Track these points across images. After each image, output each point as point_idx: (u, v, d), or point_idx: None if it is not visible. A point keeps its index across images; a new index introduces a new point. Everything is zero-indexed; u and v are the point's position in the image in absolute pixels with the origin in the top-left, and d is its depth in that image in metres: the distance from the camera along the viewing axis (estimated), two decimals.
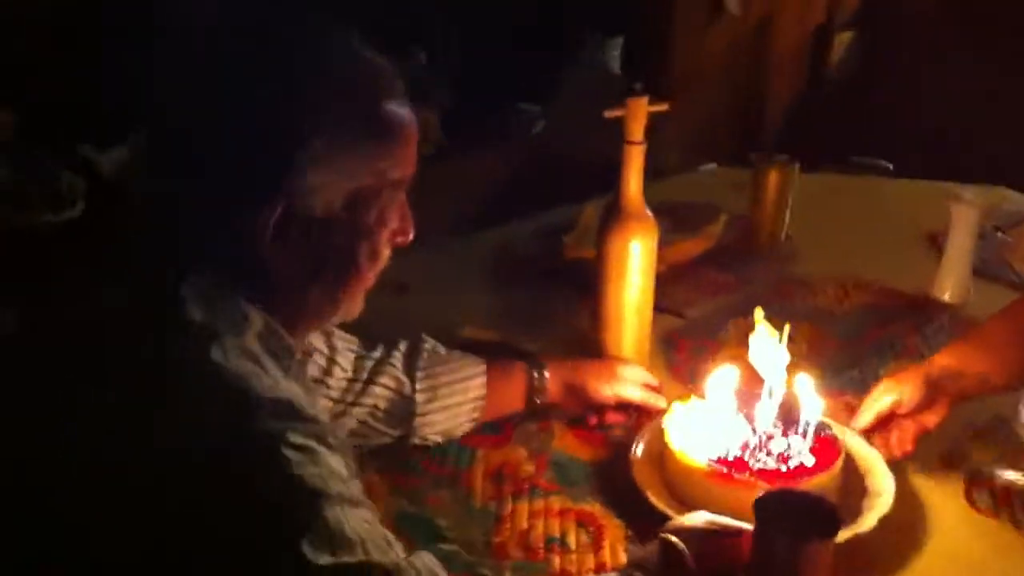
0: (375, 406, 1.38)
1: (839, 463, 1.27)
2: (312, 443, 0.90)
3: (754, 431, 1.31)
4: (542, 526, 1.27)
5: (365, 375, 1.38)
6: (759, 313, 1.38)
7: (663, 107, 1.48)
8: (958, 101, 3.59)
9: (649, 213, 1.52)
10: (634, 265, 1.51)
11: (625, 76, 3.60)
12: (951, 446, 1.41)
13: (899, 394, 1.38)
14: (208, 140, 0.96)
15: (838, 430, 1.34)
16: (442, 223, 2.20)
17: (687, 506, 1.24)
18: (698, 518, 1.16)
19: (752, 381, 1.36)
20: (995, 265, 2.00)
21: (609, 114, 1.46)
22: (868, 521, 1.21)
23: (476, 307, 1.80)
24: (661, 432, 1.33)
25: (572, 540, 1.24)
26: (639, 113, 1.46)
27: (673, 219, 2.10)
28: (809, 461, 1.27)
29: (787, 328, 1.36)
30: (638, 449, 1.35)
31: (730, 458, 1.27)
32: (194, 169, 0.97)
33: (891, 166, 3.34)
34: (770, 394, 1.33)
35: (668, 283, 1.91)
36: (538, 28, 3.53)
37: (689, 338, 1.73)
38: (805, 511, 1.07)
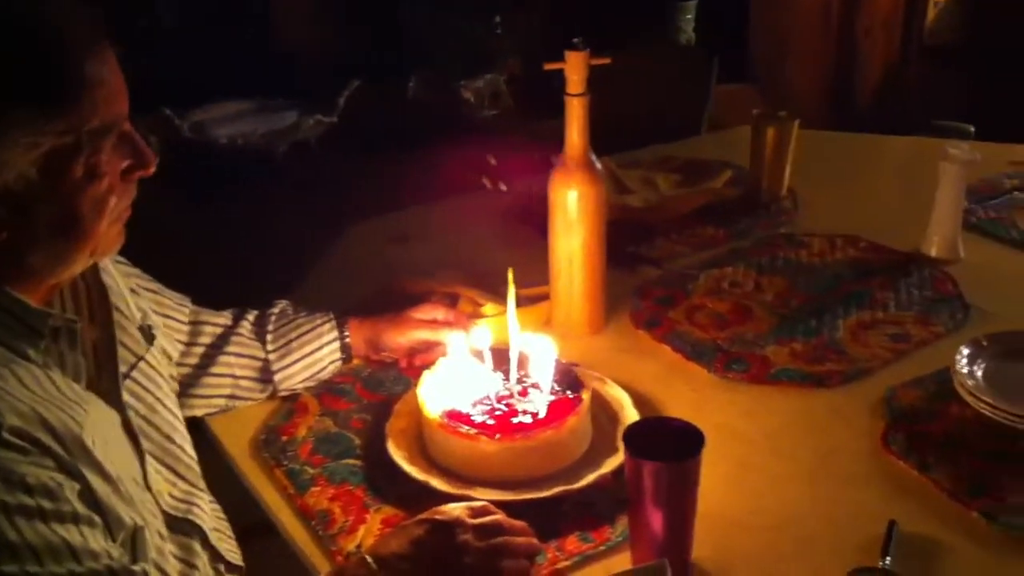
0: (234, 375, 1.46)
1: (571, 421, 1.29)
2: None
3: (496, 386, 1.36)
4: None
5: (210, 340, 1.45)
6: (511, 274, 1.44)
7: (605, 60, 1.53)
8: None
9: (596, 164, 1.57)
10: (577, 213, 1.57)
11: (701, 44, 3.61)
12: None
13: None
14: None
15: (594, 388, 1.39)
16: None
17: (427, 457, 1.32)
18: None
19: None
20: (1004, 224, 1.96)
21: (548, 66, 1.52)
22: (586, 479, 1.25)
23: (458, 259, 1.87)
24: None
25: None
26: (579, 65, 1.51)
27: (682, 175, 2.16)
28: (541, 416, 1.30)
29: (512, 289, 1.43)
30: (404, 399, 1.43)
31: (462, 411, 1.31)
32: None
33: (972, 129, 3.25)
34: (511, 352, 1.38)
35: (659, 236, 1.97)
36: None
37: (660, 288, 1.78)
38: (674, 437, 1.13)
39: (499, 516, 1.17)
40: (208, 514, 1.26)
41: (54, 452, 0.96)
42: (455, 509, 1.16)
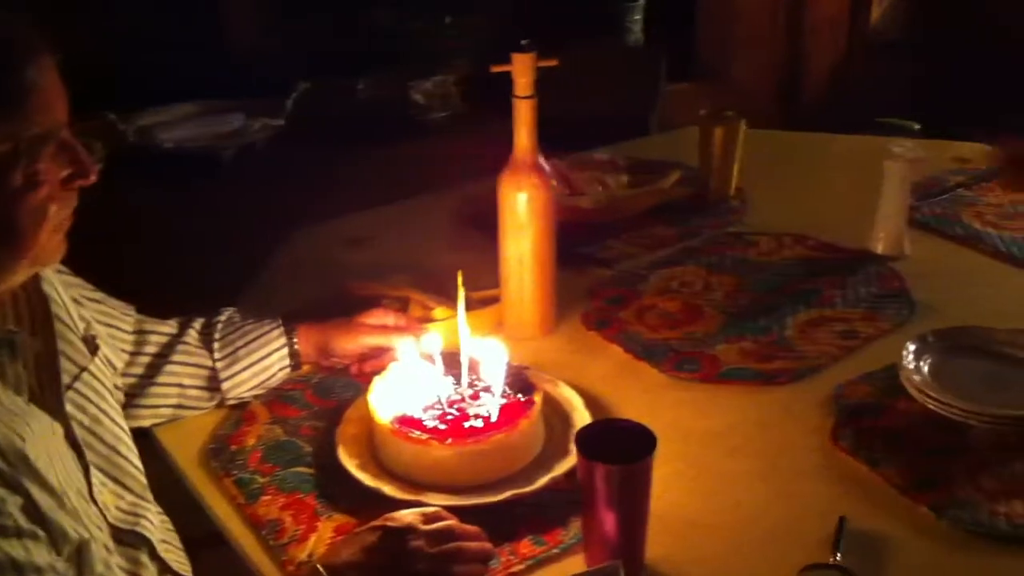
0: (180, 384, 1.43)
1: (523, 424, 1.29)
2: None
3: (447, 391, 1.36)
4: None
5: (155, 349, 1.42)
6: (460, 277, 1.44)
7: (552, 62, 1.52)
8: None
9: (543, 165, 1.57)
10: (527, 215, 1.56)
11: (649, 45, 3.63)
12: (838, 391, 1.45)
13: None
14: None
15: (546, 391, 1.38)
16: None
17: (379, 463, 1.30)
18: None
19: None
20: (949, 220, 1.99)
21: (496, 69, 1.52)
22: (539, 482, 1.25)
23: (408, 262, 1.85)
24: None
25: None
26: (525, 68, 1.51)
27: (631, 175, 2.16)
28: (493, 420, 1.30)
29: (461, 292, 1.43)
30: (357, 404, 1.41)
31: (414, 417, 1.31)
32: None
33: (917, 126, 3.30)
34: (462, 355, 1.38)
35: (610, 236, 1.97)
36: None
37: (611, 288, 1.78)
38: (626, 439, 1.13)
39: (451, 521, 1.16)
40: (156, 525, 1.24)
41: None
42: (407, 515, 1.16)
